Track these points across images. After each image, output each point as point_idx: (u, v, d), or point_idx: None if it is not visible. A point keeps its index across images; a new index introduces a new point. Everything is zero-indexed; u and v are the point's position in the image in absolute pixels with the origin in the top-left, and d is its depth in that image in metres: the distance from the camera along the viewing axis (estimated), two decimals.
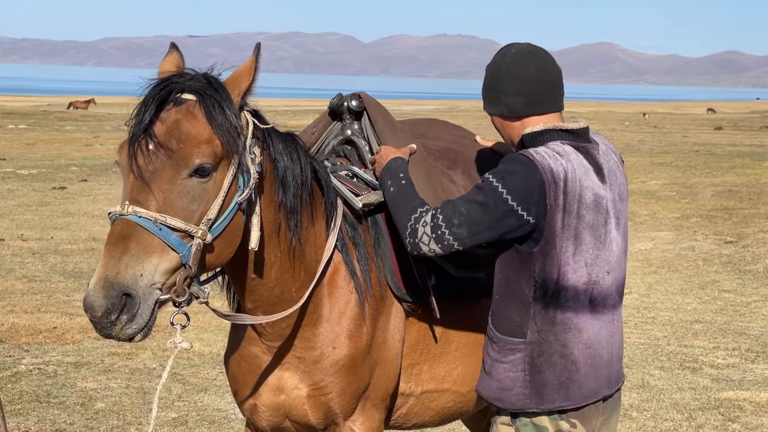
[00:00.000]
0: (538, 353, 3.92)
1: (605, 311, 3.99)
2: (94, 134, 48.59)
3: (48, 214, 21.03)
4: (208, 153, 3.63)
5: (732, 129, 63.58)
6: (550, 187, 3.78)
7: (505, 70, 4.02)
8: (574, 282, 3.88)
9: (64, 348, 10.60)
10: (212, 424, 8.33)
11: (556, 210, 3.80)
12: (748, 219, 21.17)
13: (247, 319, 4.14)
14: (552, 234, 3.81)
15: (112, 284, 3.46)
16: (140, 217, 3.54)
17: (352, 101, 4.62)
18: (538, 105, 4.00)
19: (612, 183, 4.01)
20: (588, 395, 3.97)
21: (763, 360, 10.76)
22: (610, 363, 4.05)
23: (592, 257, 3.91)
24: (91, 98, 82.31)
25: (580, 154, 3.92)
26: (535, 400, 3.94)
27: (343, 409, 4.28)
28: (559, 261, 3.84)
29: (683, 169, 32.17)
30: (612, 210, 3.98)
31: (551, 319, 3.90)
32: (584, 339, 3.94)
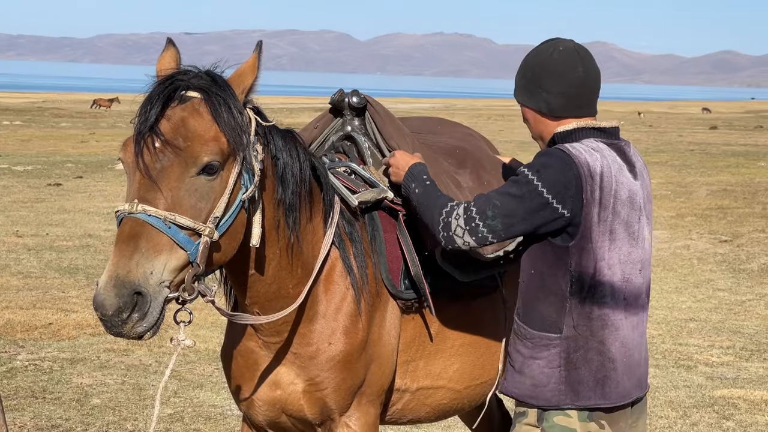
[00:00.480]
0: (574, 348, 3.89)
1: (637, 311, 3.97)
2: (89, 131, 48.57)
3: (43, 211, 21.02)
4: (216, 151, 3.64)
5: (727, 128, 63.67)
6: (587, 181, 3.77)
7: (552, 68, 3.96)
8: (610, 278, 3.86)
9: (60, 344, 10.61)
10: (208, 420, 8.34)
11: (593, 204, 3.78)
12: (742, 218, 21.21)
13: (249, 319, 4.15)
14: (588, 228, 3.80)
15: (123, 283, 3.46)
16: (150, 215, 3.54)
17: (353, 97, 4.63)
18: (578, 108, 3.97)
19: (643, 182, 4.01)
20: (624, 395, 3.95)
21: (757, 358, 10.79)
22: (640, 364, 4.04)
23: (626, 254, 3.89)
24: (116, 96, 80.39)
25: (614, 151, 3.91)
26: (571, 397, 3.90)
27: (338, 405, 4.29)
28: (595, 256, 3.82)
29: (678, 169, 32.23)
30: (644, 208, 3.98)
31: (588, 315, 3.87)
32: (620, 337, 3.92)
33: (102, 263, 15.23)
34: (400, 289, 4.44)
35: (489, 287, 4.77)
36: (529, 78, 4.02)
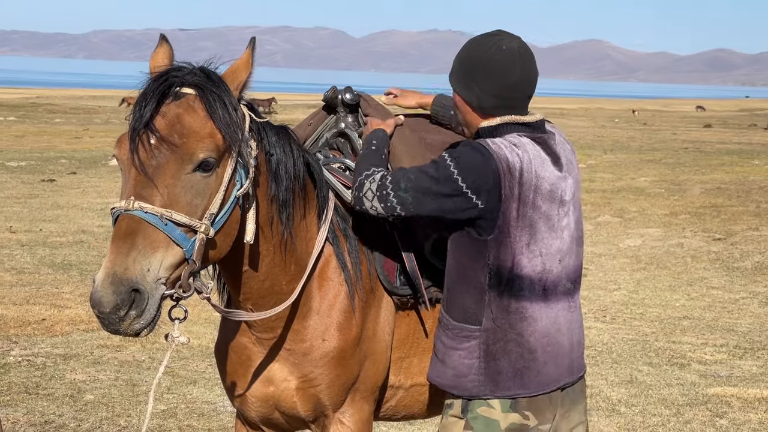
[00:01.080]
0: (493, 341, 3.94)
1: (559, 298, 3.99)
2: (83, 127, 48.53)
3: (37, 207, 21.00)
4: (212, 147, 3.63)
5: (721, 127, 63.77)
6: (505, 177, 3.80)
7: (490, 67, 3.97)
8: (529, 271, 3.89)
9: (53, 340, 10.59)
10: (201, 417, 8.33)
11: (511, 200, 3.82)
12: (736, 216, 21.24)
13: (243, 316, 4.14)
14: (507, 223, 3.83)
15: (121, 280, 3.44)
16: (147, 212, 3.52)
17: (346, 94, 4.63)
18: (508, 108, 3.99)
19: (570, 171, 4.03)
20: (546, 383, 3.97)
21: (750, 356, 10.80)
22: (570, 350, 4.06)
23: (546, 247, 3.92)
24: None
25: (537, 144, 3.94)
26: (490, 387, 3.95)
27: (332, 401, 4.28)
28: (513, 250, 3.86)
29: (672, 167, 32.27)
30: (569, 198, 4.00)
31: (506, 308, 3.91)
32: (540, 327, 3.94)
33: (96, 259, 15.22)
34: (395, 285, 4.43)
35: None
36: (467, 69, 4.03)
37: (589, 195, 25.06)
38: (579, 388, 4.16)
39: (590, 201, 23.97)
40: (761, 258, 16.93)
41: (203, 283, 3.70)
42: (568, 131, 54.18)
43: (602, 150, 40.14)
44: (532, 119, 4.00)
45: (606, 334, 11.65)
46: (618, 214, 22.02)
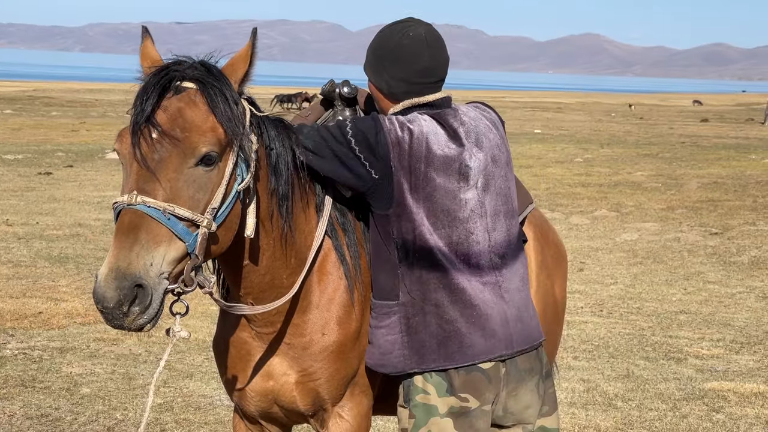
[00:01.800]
0: (412, 314, 4.00)
1: (483, 272, 4.03)
2: (80, 120, 48.50)
3: (33, 200, 20.99)
4: (214, 141, 3.62)
5: (718, 121, 63.80)
6: (394, 149, 3.92)
7: (398, 54, 4.10)
8: (434, 243, 3.96)
9: (50, 333, 10.59)
10: (198, 410, 8.32)
11: (402, 171, 3.92)
12: (733, 211, 21.26)
13: (245, 310, 4.14)
14: (402, 196, 3.94)
15: (124, 275, 3.43)
16: (149, 207, 3.51)
17: (344, 88, 4.60)
18: (417, 94, 4.11)
19: (479, 146, 4.07)
20: (474, 354, 3.98)
21: (747, 351, 10.81)
22: (505, 323, 4.05)
23: (450, 219, 3.98)
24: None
25: (434, 120, 4.03)
26: (416, 360, 4.00)
27: (331, 395, 4.28)
28: (413, 222, 3.95)
29: (669, 161, 32.28)
30: (476, 172, 4.04)
31: (418, 280, 3.98)
32: (462, 298, 3.98)
33: (92, 252, 15.22)
34: None
35: None
36: (377, 56, 4.17)
37: (586, 189, 25.08)
38: (526, 366, 4.14)
39: (587, 195, 23.99)
40: (758, 252, 16.95)
41: (206, 278, 3.69)
42: (565, 125, 54.27)
43: (599, 144, 40.15)
44: (433, 98, 4.10)
45: (603, 329, 11.66)
46: (615, 208, 22.03)
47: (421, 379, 4.04)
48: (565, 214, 21.19)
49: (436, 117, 4.04)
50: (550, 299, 5.32)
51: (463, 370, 4.00)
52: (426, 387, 4.02)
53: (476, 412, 4.00)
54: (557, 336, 5.69)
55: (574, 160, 33.07)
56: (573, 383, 9.41)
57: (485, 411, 4.02)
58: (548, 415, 4.22)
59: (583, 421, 8.37)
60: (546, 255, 5.34)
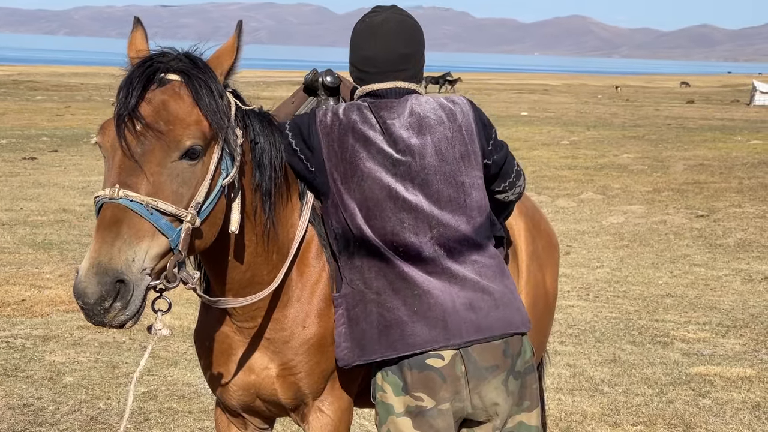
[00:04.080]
0: (352, 304, 4.00)
1: (426, 263, 3.96)
2: (65, 104, 48.27)
3: (18, 185, 20.88)
4: (198, 135, 3.56)
5: (704, 103, 63.86)
6: (324, 140, 3.98)
7: (352, 39, 4.22)
8: (371, 233, 3.95)
9: (33, 321, 10.51)
10: (182, 399, 8.27)
11: (332, 162, 3.97)
12: (719, 193, 21.26)
13: (229, 303, 4.08)
14: (336, 186, 4.00)
15: (105, 270, 3.36)
16: (132, 201, 3.44)
17: (327, 77, 4.55)
18: (364, 82, 4.16)
19: (419, 137, 4.01)
20: (418, 343, 3.92)
21: (733, 334, 10.79)
22: (452, 313, 3.96)
23: (380, 209, 3.95)
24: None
25: (369, 109, 4.03)
26: (357, 353, 3.99)
27: (312, 389, 4.23)
28: (349, 212, 3.97)
29: (655, 143, 32.27)
30: (410, 165, 3.98)
31: (358, 269, 3.99)
32: (405, 286, 3.93)
33: (77, 239, 15.13)
34: None
35: None
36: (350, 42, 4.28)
37: (572, 172, 25.05)
38: (488, 364, 3.99)
39: (573, 178, 23.97)
40: (743, 235, 16.96)
41: (189, 274, 3.63)
42: (552, 107, 54.24)
43: (585, 126, 40.13)
44: (378, 87, 4.11)
45: (589, 313, 11.64)
46: (601, 191, 22.02)
47: (380, 377, 4.01)
48: (551, 197, 21.17)
49: (372, 106, 4.04)
50: (540, 290, 5.27)
51: (415, 369, 3.93)
52: (384, 385, 3.99)
53: (433, 411, 3.93)
54: (548, 327, 5.65)
55: (561, 142, 33.05)
56: (559, 368, 9.38)
57: (442, 410, 3.93)
58: (529, 411, 4.11)
59: (569, 407, 8.34)
60: (537, 245, 5.29)
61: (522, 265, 5.10)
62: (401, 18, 4.17)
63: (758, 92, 64.22)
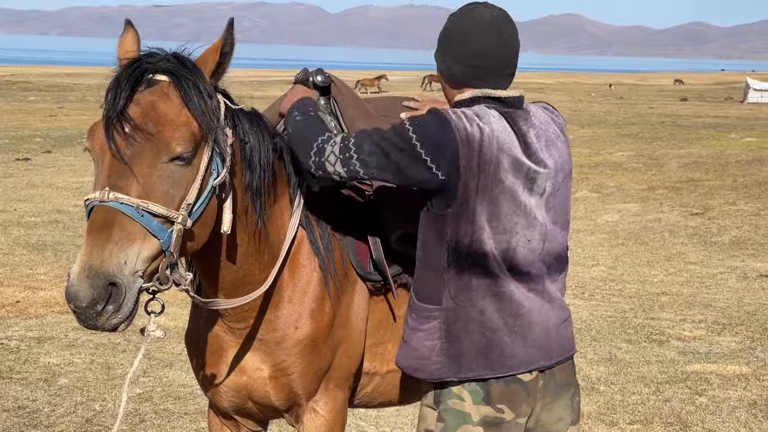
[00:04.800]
0: (453, 320, 3.82)
1: (531, 280, 3.86)
2: (58, 105, 48.21)
3: (11, 186, 20.83)
4: (188, 136, 3.54)
5: (697, 100, 63.93)
6: (464, 148, 3.67)
7: (458, 36, 3.90)
8: (490, 249, 3.76)
9: (27, 323, 10.48)
10: (177, 400, 8.25)
11: (470, 172, 3.69)
12: (713, 191, 21.25)
13: (221, 304, 4.06)
14: (466, 196, 3.70)
15: (97, 273, 3.34)
16: (122, 203, 3.42)
17: (318, 76, 4.53)
18: (476, 79, 3.88)
19: (547, 152, 3.88)
20: (515, 365, 3.84)
21: (729, 332, 10.79)
22: (546, 333, 3.91)
23: (511, 224, 3.78)
24: (383, 74, 75.84)
25: (505, 119, 3.81)
26: (453, 369, 3.83)
27: (305, 390, 4.21)
28: (473, 225, 3.73)
29: (649, 141, 32.27)
30: (541, 179, 3.85)
31: (466, 285, 3.79)
32: (509, 306, 3.81)
33: (71, 239, 15.09)
34: (368, 270, 4.36)
35: None
36: (441, 38, 3.97)
37: None
38: (563, 380, 4.00)
39: None
40: (738, 232, 16.96)
41: (181, 275, 3.61)
42: None
43: (579, 125, 40.12)
44: (505, 94, 3.87)
45: (585, 311, 11.62)
46: (595, 189, 22.01)
47: (458, 384, 3.88)
48: None
49: (506, 116, 3.82)
50: None
51: (503, 381, 3.85)
52: (462, 393, 3.85)
53: (510, 424, 3.86)
54: None
55: None
56: None
57: (519, 424, 3.88)
58: (573, 424, 4.09)
59: None
60: None
61: None
62: (508, 15, 3.95)
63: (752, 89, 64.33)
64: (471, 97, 3.86)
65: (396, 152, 3.72)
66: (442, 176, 3.69)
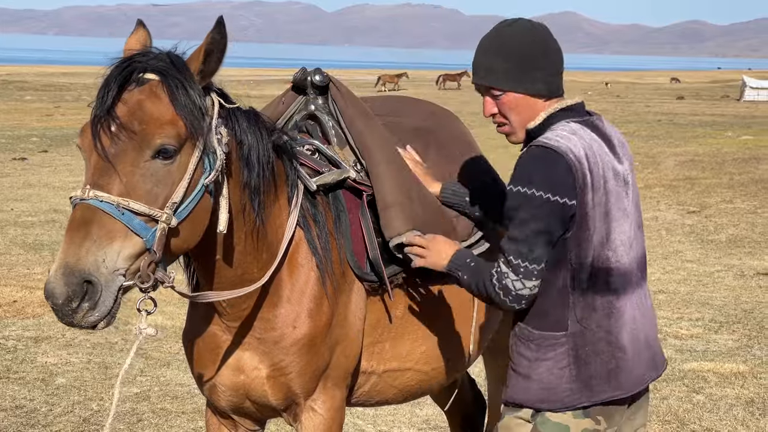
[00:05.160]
0: (581, 344, 3.71)
1: (633, 289, 3.80)
2: (55, 104, 48.19)
3: (8, 186, 20.82)
4: (172, 134, 3.53)
5: (694, 98, 63.95)
6: (576, 168, 3.58)
7: (546, 47, 3.76)
8: (609, 263, 3.68)
9: (24, 322, 10.47)
10: (175, 399, 8.25)
11: (585, 190, 3.60)
12: (710, 189, 21.27)
13: (211, 297, 4.06)
14: (584, 215, 3.61)
15: (72, 271, 3.36)
16: (102, 201, 3.44)
17: (316, 76, 4.55)
18: (558, 89, 3.81)
19: (624, 153, 3.85)
20: (638, 381, 3.80)
21: (726, 330, 10.79)
22: (648, 344, 3.86)
23: (621, 234, 3.72)
24: (404, 72, 76.01)
25: (587, 128, 3.73)
26: (586, 394, 3.72)
27: (303, 389, 4.22)
28: (593, 242, 3.64)
29: (646, 139, 32.29)
30: (628, 179, 3.81)
31: (591, 306, 3.69)
32: (625, 321, 3.75)
33: None
34: (365, 270, 4.36)
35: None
36: (522, 58, 3.73)
37: None
38: (645, 391, 3.96)
39: None
40: (735, 230, 16.97)
41: (165, 273, 3.60)
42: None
43: None
44: (573, 102, 3.79)
45: None
46: None
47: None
48: None
49: (587, 125, 3.74)
50: None
51: None
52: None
53: None
54: None
55: None
56: None
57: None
58: (644, 427, 4.07)
59: None
60: None
61: None
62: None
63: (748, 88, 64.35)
64: (546, 117, 3.76)
65: (539, 220, 3.59)
66: (571, 201, 3.61)
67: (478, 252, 4.61)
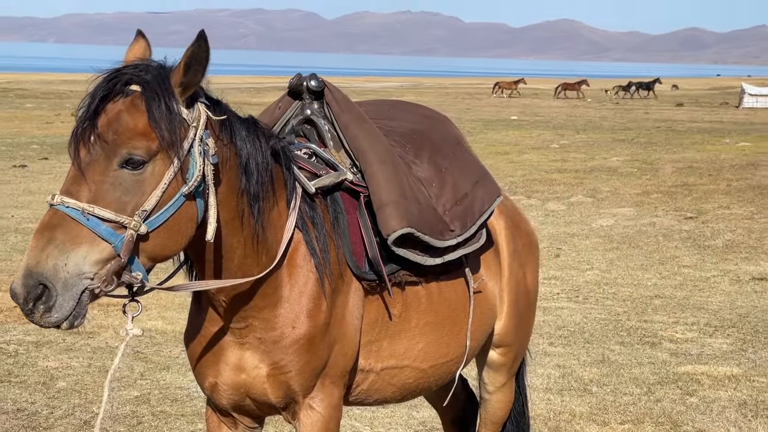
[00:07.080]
0: None
1: None
2: (55, 112, 48.20)
3: (8, 193, 20.90)
4: (141, 145, 3.62)
5: (693, 105, 63.94)
6: None
7: None
8: None
9: (26, 327, 10.54)
10: (175, 402, 8.33)
11: None
12: (707, 195, 21.36)
13: (192, 286, 4.13)
14: None
15: (30, 274, 3.50)
16: (68, 207, 3.56)
17: (311, 81, 4.63)
18: None
19: None
20: None
21: (721, 334, 10.88)
22: None
23: None
24: (521, 78, 76.55)
25: None
26: None
27: (302, 387, 4.30)
28: None
29: (644, 146, 32.37)
30: None
31: None
32: None
33: None
34: (364, 269, 4.45)
35: (454, 266, 4.81)
36: None
37: (562, 175, 25.12)
38: None
39: (563, 181, 24.04)
40: (731, 236, 17.05)
41: (132, 275, 3.68)
42: (541, 111, 54.28)
43: (575, 130, 40.21)
44: None
45: (578, 314, 11.71)
46: (590, 194, 22.10)
47: None
48: (541, 201, 21.25)
49: None
50: (522, 287, 5.38)
51: None
52: None
53: None
54: (530, 323, 5.74)
55: (550, 146, 33.12)
56: (548, 369, 9.46)
57: None
58: None
59: (558, 406, 8.42)
60: (518, 244, 5.41)
61: (504, 262, 5.24)
62: None
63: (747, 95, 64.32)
64: None
65: None
66: None
67: (471, 249, 4.73)
